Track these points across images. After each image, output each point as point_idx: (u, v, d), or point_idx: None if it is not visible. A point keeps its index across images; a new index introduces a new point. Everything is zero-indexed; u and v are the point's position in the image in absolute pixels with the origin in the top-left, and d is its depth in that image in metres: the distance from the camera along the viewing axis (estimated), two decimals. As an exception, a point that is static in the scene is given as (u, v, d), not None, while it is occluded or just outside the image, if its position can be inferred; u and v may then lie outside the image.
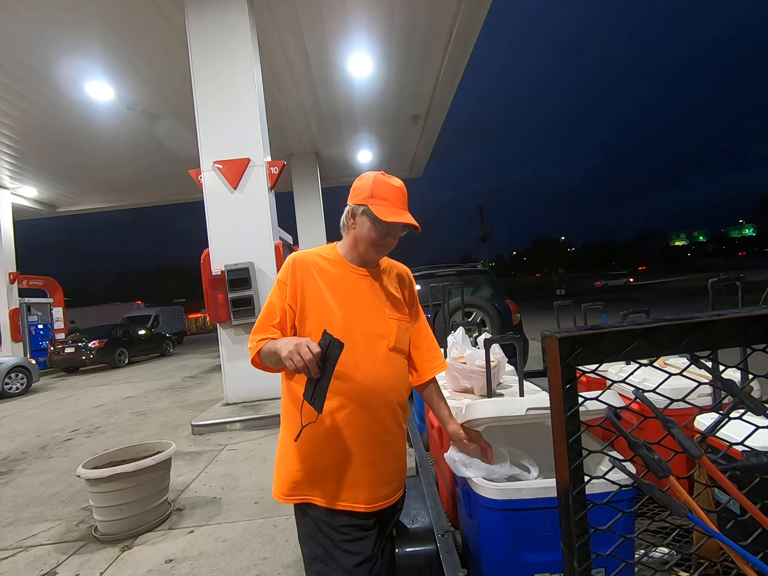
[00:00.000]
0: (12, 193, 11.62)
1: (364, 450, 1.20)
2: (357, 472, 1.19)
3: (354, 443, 1.19)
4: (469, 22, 6.28)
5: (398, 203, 1.20)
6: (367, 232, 1.21)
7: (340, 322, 1.19)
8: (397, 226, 1.21)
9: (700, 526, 0.52)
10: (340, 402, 1.18)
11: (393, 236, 1.23)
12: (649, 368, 0.61)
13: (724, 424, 0.59)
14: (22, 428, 5.93)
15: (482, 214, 31.57)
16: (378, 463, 1.23)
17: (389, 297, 1.29)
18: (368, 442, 1.20)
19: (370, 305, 1.25)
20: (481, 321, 4.89)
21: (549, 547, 1.14)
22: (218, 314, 5.28)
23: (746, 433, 0.58)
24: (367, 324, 1.21)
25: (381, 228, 1.20)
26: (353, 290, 1.24)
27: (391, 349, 1.24)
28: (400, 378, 1.28)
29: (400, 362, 1.29)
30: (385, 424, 1.23)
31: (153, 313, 20.39)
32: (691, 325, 0.53)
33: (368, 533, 1.21)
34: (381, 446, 1.23)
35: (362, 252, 1.25)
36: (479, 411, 1.21)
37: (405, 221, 1.19)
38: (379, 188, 1.21)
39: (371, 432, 1.20)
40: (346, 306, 1.21)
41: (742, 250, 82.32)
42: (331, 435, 1.18)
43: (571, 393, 0.53)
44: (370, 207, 1.19)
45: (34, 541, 2.70)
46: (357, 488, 1.20)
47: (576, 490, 0.53)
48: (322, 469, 1.20)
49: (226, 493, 3.11)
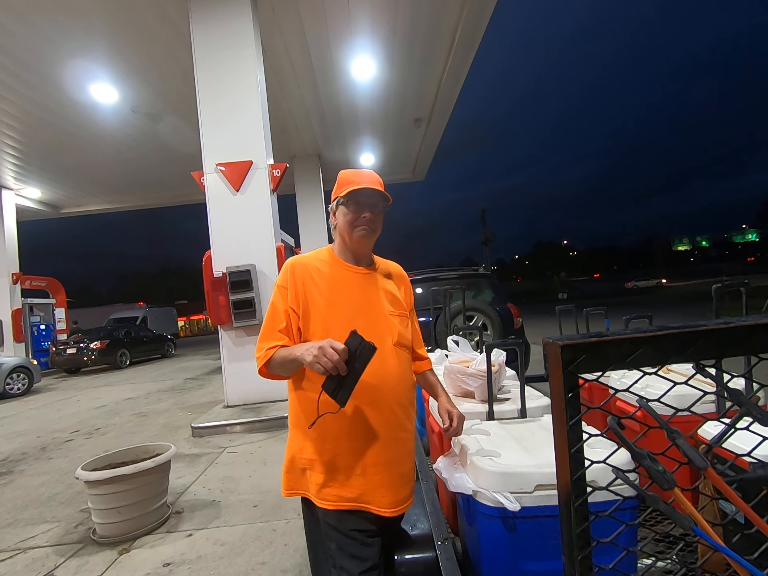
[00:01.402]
0: (16, 194, 11.67)
1: (380, 448, 1.19)
2: (376, 473, 1.18)
3: (369, 441, 1.18)
4: (473, 25, 6.29)
5: (361, 181, 1.24)
6: (344, 218, 1.26)
7: (344, 321, 1.20)
8: (368, 200, 1.25)
9: (706, 539, 0.51)
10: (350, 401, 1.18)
11: (369, 211, 1.25)
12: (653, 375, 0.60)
13: (731, 435, 0.58)
14: (23, 429, 5.93)
15: (484, 217, 31.58)
16: (396, 461, 1.22)
17: (387, 294, 1.31)
18: (383, 439, 1.19)
19: (371, 302, 1.26)
20: (482, 325, 4.87)
21: (549, 556, 1.13)
22: (219, 316, 5.27)
23: (753, 444, 0.56)
24: (369, 321, 1.23)
25: (352, 206, 1.24)
26: (352, 289, 1.26)
27: (395, 345, 1.25)
28: (406, 373, 1.29)
29: (405, 357, 1.30)
30: (397, 420, 1.23)
31: (140, 314, 18.93)
32: (697, 333, 0.51)
33: (375, 540, 1.20)
34: (397, 443, 1.23)
35: (350, 243, 1.28)
36: (485, 480, 1.17)
37: (366, 186, 1.22)
38: (343, 178, 1.28)
39: (385, 428, 1.20)
40: (347, 305, 1.23)
41: (748, 255, 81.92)
42: (345, 435, 1.18)
43: (573, 401, 0.52)
44: (338, 196, 1.26)
45: (32, 543, 2.69)
46: (379, 490, 1.18)
47: (578, 502, 0.52)
48: (338, 469, 1.19)
49: (226, 496, 3.10)
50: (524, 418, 1.65)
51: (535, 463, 1.17)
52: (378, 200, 1.26)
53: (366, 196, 1.24)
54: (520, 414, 1.68)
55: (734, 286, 1.68)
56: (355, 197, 1.24)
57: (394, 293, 1.32)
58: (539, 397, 1.81)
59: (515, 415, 1.68)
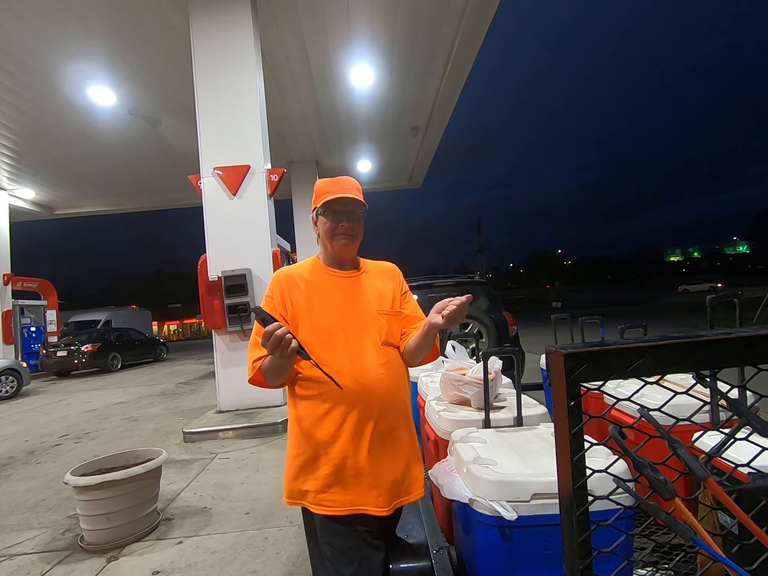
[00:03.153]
0: (10, 195, 11.57)
1: (371, 451, 1.19)
2: (369, 474, 1.18)
3: (359, 444, 1.18)
4: (471, 35, 6.37)
5: (336, 190, 1.27)
6: (324, 227, 1.29)
7: (330, 323, 1.24)
8: (344, 208, 1.28)
9: (706, 549, 0.51)
10: (339, 401, 1.19)
11: (347, 220, 1.28)
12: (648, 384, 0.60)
13: (730, 445, 0.58)
14: (11, 432, 5.83)
15: (480, 225, 31.77)
16: (388, 463, 1.22)
17: (376, 293, 1.33)
18: (374, 441, 1.19)
19: (356, 304, 1.29)
20: (477, 332, 4.88)
21: (546, 566, 1.12)
22: (214, 320, 5.24)
23: (752, 455, 0.57)
24: (354, 323, 1.26)
25: (330, 216, 1.28)
26: (337, 291, 1.30)
27: (383, 344, 1.27)
28: (396, 372, 1.29)
29: (394, 356, 1.30)
30: (386, 422, 1.22)
31: (103, 317, 17.36)
32: (698, 343, 0.52)
33: (373, 542, 1.20)
34: (389, 441, 1.23)
35: (332, 251, 1.31)
36: (481, 489, 1.17)
37: (342, 195, 1.25)
38: (320, 188, 1.32)
39: (375, 430, 1.20)
40: (332, 308, 1.27)
41: (737, 267, 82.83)
42: (338, 436, 1.18)
43: (575, 410, 0.52)
44: (316, 206, 1.30)
45: (17, 550, 2.63)
46: (372, 491, 1.18)
47: (580, 510, 0.52)
48: (332, 474, 1.19)
49: (217, 503, 3.06)
50: (520, 426, 1.65)
51: (532, 471, 1.17)
52: (355, 207, 1.29)
53: (342, 205, 1.27)
54: (516, 422, 1.68)
55: (728, 297, 1.70)
56: (331, 207, 1.27)
57: (383, 291, 1.34)
58: (535, 406, 1.81)
59: (511, 423, 1.68)
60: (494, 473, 1.18)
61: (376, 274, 1.39)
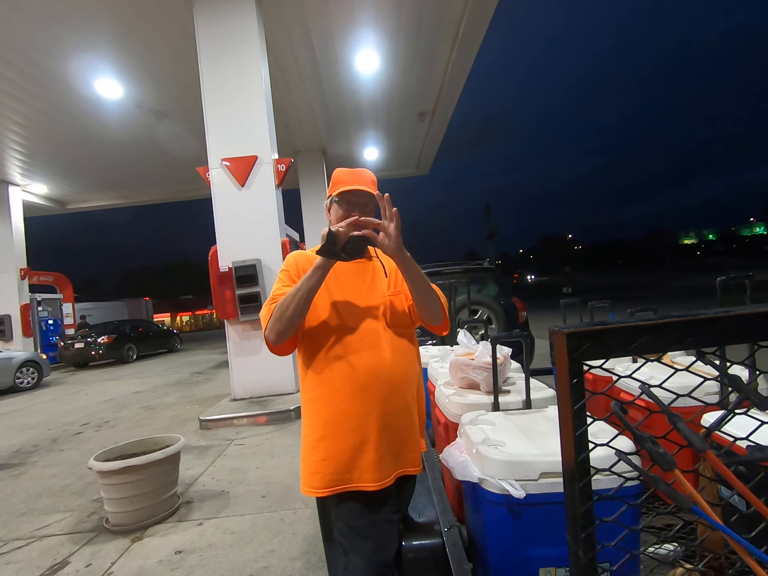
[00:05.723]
0: (23, 190, 11.76)
1: (377, 432, 1.23)
2: (377, 449, 1.22)
3: (370, 419, 1.22)
4: (477, 18, 6.25)
5: (353, 181, 1.30)
6: (336, 215, 1.33)
7: (339, 306, 1.28)
8: (358, 200, 1.30)
9: (705, 518, 0.53)
10: (349, 382, 1.23)
11: (359, 211, 1.29)
12: (655, 366, 0.61)
13: (729, 420, 0.60)
14: (34, 421, 6.03)
15: (488, 211, 31.46)
16: (393, 442, 1.26)
17: (382, 276, 1.37)
18: (383, 415, 1.23)
19: (364, 288, 1.33)
20: (487, 318, 4.89)
21: (554, 542, 1.15)
22: (226, 310, 5.32)
23: (751, 429, 0.59)
24: (363, 306, 1.29)
25: (344, 206, 1.30)
26: (349, 275, 1.34)
27: (391, 325, 1.30)
28: (405, 353, 1.32)
29: (404, 336, 1.34)
30: (398, 397, 1.26)
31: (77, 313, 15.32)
32: (698, 321, 0.53)
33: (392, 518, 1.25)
34: (398, 419, 1.27)
35: None
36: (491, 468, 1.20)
37: (356, 188, 1.28)
38: (337, 176, 1.35)
39: (385, 406, 1.24)
40: (341, 290, 1.30)
41: (754, 248, 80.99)
42: (347, 417, 1.22)
43: (577, 387, 0.54)
44: (331, 194, 1.34)
45: (47, 531, 2.76)
46: (378, 464, 1.22)
47: (582, 482, 0.54)
48: (344, 452, 1.22)
49: (234, 487, 3.15)
50: (529, 409, 1.68)
51: (540, 452, 1.20)
52: (369, 200, 1.30)
53: (357, 196, 1.29)
54: (524, 405, 1.70)
55: (739, 279, 1.69)
56: (346, 197, 1.30)
57: (392, 272, 1.38)
58: (543, 389, 1.83)
59: (520, 406, 1.70)
60: (503, 453, 1.21)
61: (382, 257, 1.42)
